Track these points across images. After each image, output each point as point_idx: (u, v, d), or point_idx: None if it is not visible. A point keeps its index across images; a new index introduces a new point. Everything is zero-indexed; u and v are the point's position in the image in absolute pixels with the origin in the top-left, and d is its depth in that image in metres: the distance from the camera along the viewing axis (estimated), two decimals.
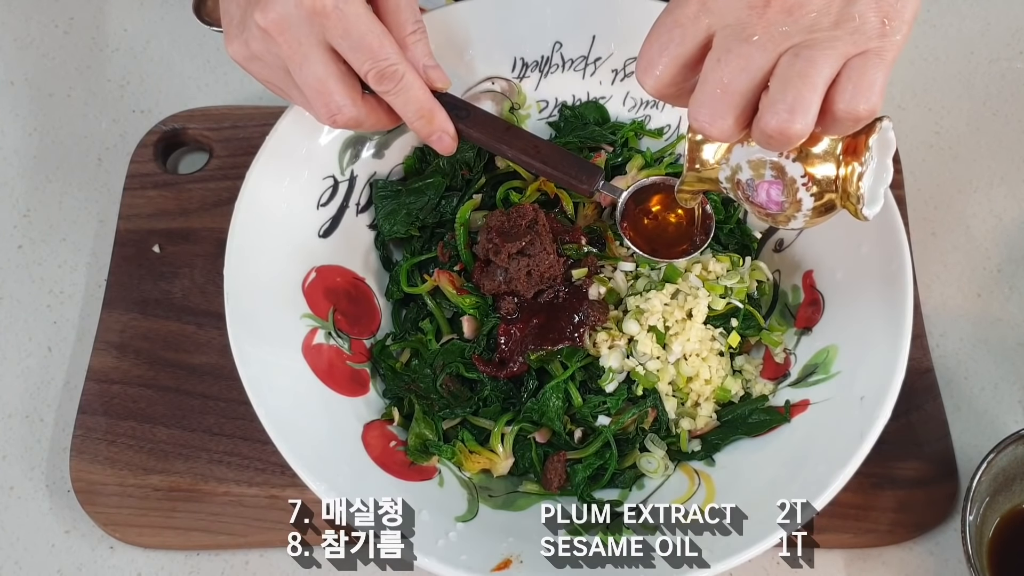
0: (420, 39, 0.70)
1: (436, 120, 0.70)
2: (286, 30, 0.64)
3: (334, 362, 0.75)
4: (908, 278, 0.72)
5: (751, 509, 0.68)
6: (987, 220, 0.92)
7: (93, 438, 0.79)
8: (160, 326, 0.84)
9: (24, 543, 0.78)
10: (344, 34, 0.64)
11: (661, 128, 0.87)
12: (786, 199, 0.61)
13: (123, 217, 0.88)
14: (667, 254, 0.75)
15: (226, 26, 0.67)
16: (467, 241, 0.80)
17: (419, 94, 0.69)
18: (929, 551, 0.77)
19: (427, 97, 0.70)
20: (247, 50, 0.66)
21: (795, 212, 0.61)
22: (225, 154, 0.91)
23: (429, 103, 0.70)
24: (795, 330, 0.79)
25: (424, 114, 0.70)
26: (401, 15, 0.68)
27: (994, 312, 0.87)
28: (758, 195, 0.62)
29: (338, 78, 0.66)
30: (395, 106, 0.69)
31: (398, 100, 0.68)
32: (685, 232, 0.76)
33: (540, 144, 0.75)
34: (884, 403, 0.68)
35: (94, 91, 0.98)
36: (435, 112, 0.70)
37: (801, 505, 0.65)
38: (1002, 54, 1.01)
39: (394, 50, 0.67)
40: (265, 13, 0.63)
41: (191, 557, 0.77)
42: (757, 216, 0.64)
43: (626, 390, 0.75)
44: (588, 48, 0.85)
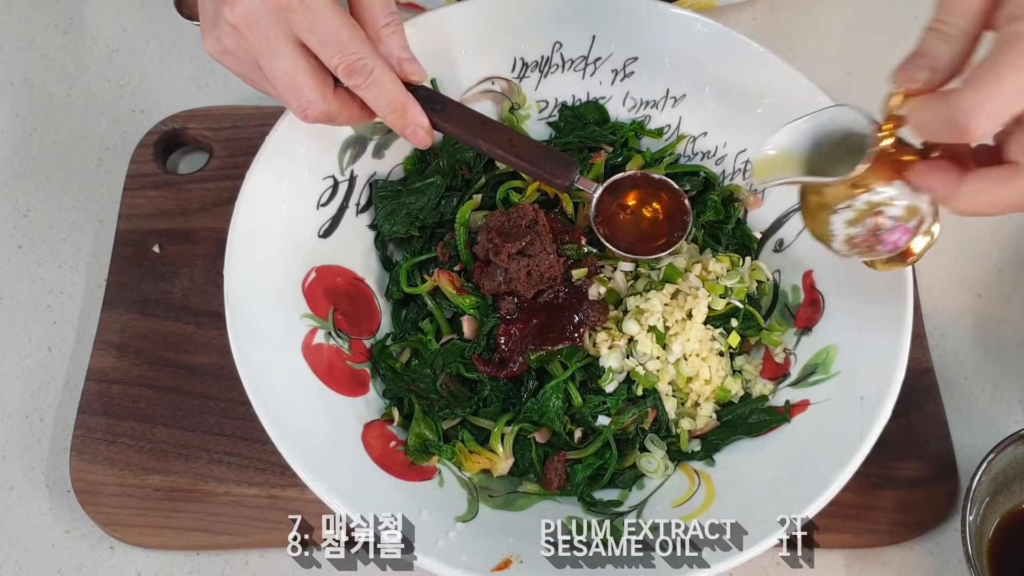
0: (394, 31, 0.69)
1: (409, 113, 0.69)
2: (254, 25, 0.63)
3: (334, 362, 0.75)
4: (908, 278, 0.72)
5: (751, 509, 0.68)
6: (987, 220, 0.92)
7: (93, 438, 0.79)
8: (160, 326, 0.84)
9: (24, 543, 0.78)
10: (311, 28, 0.64)
11: (661, 128, 0.87)
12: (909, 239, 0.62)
13: (123, 217, 0.88)
14: (644, 250, 0.75)
15: (202, 21, 0.67)
16: (467, 241, 0.80)
17: (390, 87, 0.68)
18: (929, 551, 0.77)
19: (399, 90, 0.69)
20: (219, 45, 0.66)
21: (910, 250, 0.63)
22: (225, 154, 0.91)
23: (401, 96, 0.69)
24: (795, 330, 0.79)
25: (396, 108, 0.69)
26: (375, 8, 0.68)
27: (994, 312, 0.87)
28: (891, 235, 0.62)
29: (308, 72, 0.65)
30: (367, 100, 0.68)
31: (369, 94, 0.68)
32: (661, 227, 0.75)
33: (515, 138, 0.74)
34: (884, 403, 0.68)
35: (94, 91, 0.98)
36: (408, 105, 0.69)
37: (802, 505, 0.65)
38: None
39: (363, 43, 0.66)
40: (233, 9, 0.63)
41: (191, 557, 0.77)
42: (855, 250, 0.64)
43: (626, 390, 0.75)
44: (588, 48, 0.85)
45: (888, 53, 1.01)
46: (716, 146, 0.86)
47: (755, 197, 0.84)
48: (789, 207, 0.82)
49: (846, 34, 1.02)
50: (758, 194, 0.84)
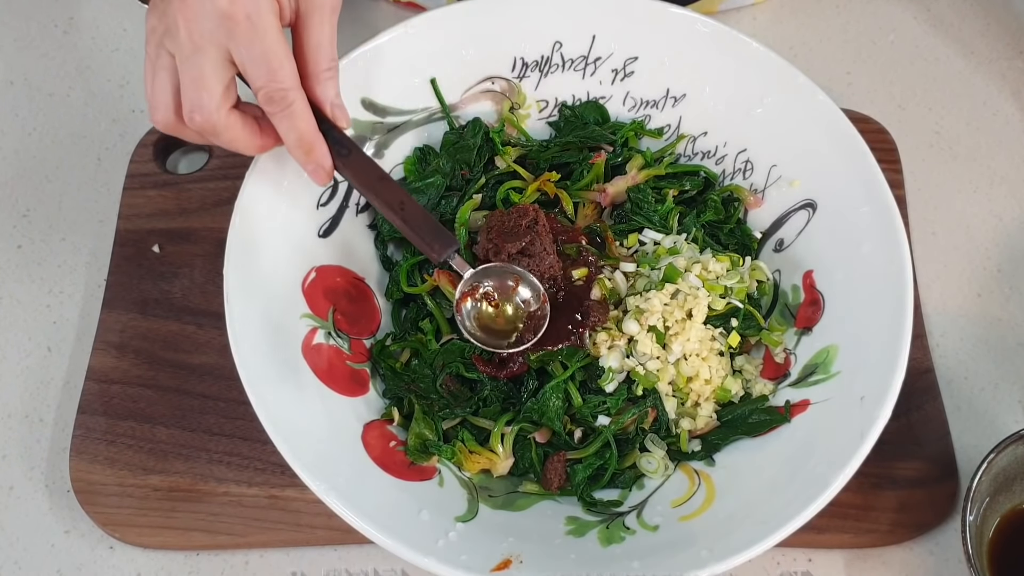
0: (333, 77, 0.70)
1: (315, 152, 0.70)
2: (192, 19, 0.64)
3: (334, 362, 0.75)
4: (908, 278, 0.72)
5: (751, 509, 0.68)
6: (987, 220, 0.92)
7: (93, 438, 0.79)
8: (160, 326, 0.84)
9: (24, 543, 0.77)
10: (248, 44, 0.64)
11: (661, 128, 0.87)
12: None
13: (123, 217, 0.88)
14: (493, 344, 0.74)
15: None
16: (467, 241, 0.80)
17: (304, 124, 0.69)
18: (929, 551, 0.77)
19: (311, 129, 0.69)
20: (158, 22, 0.66)
21: None
22: (225, 154, 0.91)
23: (312, 135, 0.69)
24: (795, 330, 0.79)
25: (304, 144, 0.69)
26: (321, 52, 0.69)
27: (994, 312, 0.87)
28: None
29: (218, 80, 0.66)
30: (279, 129, 0.69)
31: (283, 124, 0.68)
32: (513, 328, 0.75)
33: (407, 202, 0.73)
34: (884, 403, 0.68)
35: (94, 91, 0.98)
36: (315, 145, 0.70)
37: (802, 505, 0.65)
38: (1002, 54, 1.01)
39: (293, 77, 0.67)
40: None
41: (191, 557, 0.77)
42: None
43: (626, 390, 0.75)
44: (588, 48, 0.85)
45: (888, 53, 1.02)
46: (716, 146, 0.86)
47: (755, 197, 0.84)
48: (789, 207, 0.82)
49: (846, 34, 1.02)
50: (758, 194, 0.84)
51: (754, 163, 0.84)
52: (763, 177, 0.84)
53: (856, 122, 0.79)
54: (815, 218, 0.80)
